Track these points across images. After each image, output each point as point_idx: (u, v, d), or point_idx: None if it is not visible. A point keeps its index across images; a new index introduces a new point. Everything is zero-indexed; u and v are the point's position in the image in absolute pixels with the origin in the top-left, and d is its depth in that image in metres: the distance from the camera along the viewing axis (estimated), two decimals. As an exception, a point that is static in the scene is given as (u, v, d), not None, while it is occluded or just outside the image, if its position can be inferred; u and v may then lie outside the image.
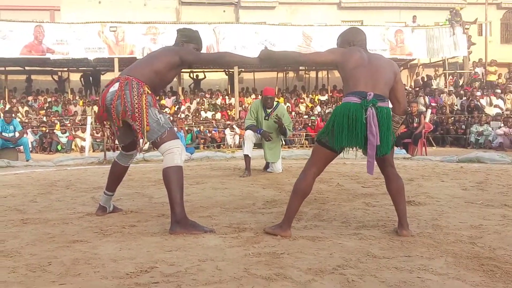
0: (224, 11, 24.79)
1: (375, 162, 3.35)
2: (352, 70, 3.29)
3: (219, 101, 19.84)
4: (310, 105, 19.61)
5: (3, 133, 10.84)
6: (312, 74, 24.43)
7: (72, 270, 2.61)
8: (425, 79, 21.10)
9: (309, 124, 16.78)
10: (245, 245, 3.10)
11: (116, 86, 3.69)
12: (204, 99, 19.60)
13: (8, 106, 17.75)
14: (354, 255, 2.88)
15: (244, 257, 2.84)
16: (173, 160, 3.56)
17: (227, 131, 15.96)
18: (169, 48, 3.99)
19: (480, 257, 2.80)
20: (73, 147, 15.28)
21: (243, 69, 22.16)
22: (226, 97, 20.36)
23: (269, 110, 7.33)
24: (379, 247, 3.05)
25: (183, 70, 21.68)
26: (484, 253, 2.89)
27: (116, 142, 4.10)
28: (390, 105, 3.45)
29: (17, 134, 11.08)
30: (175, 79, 22.08)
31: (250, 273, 2.54)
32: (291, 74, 24.75)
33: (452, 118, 16.18)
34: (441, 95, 18.35)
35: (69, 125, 16.14)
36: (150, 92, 3.69)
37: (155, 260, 2.78)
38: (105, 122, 3.97)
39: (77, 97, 19.72)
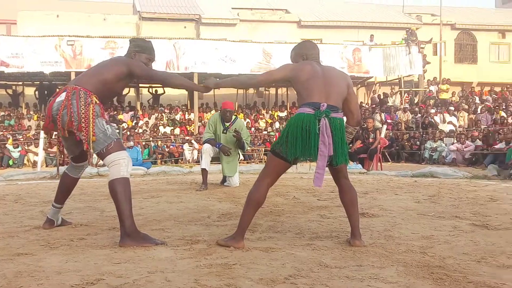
0: (185, 27, 24.74)
1: (329, 174, 3.36)
2: (305, 82, 3.31)
3: (178, 117, 19.70)
4: (269, 121, 19.70)
5: (-49, 147, 10.45)
6: (272, 90, 24.59)
7: (14, 283, 2.49)
8: (382, 97, 21.55)
9: (268, 140, 16.82)
10: (197, 256, 3.05)
11: (63, 96, 3.60)
12: (163, 114, 19.42)
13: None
14: (306, 265, 2.86)
15: (195, 268, 2.78)
16: (119, 172, 3.48)
17: (186, 146, 15.84)
18: (119, 58, 3.93)
19: (430, 266, 2.82)
20: (25, 162, 14.85)
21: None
22: (186, 112, 20.24)
23: (227, 124, 7.30)
24: (331, 257, 3.04)
25: (141, 85, 21.56)
26: (434, 262, 2.92)
27: (66, 153, 3.99)
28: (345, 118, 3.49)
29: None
30: (133, 94, 21.92)
31: (200, 284, 2.48)
32: (251, 90, 24.83)
33: (407, 134, 16.52)
34: (397, 112, 18.75)
35: (22, 139, 15.70)
36: (98, 102, 3.61)
37: (102, 272, 2.69)
38: (51, 133, 3.86)
39: (31, 112, 19.24)
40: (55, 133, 3.82)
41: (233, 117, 7.47)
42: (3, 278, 2.58)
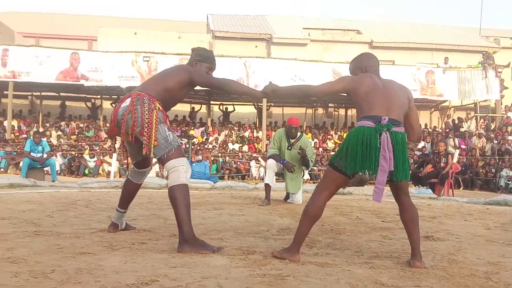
0: (256, 46, 25.10)
1: (390, 191, 3.28)
2: (365, 95, 3.25)
3: (247, 134, 19.93)
4: (338, 141, 19.52)
5: (32, 153, 11.07)
6: (342, 111, 24.42)
7: (73, 278, 2.60)
8: (456, 122, 20.85)
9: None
10: (251, 266, 3.05)
11: (127, 101, 3.73)
12: (233, 131, 19.72)
13: (41, 129, 18.17)
14: (361, 282, 2.79)
15: (248, 277, 2.79)
16: (179, 179, 3.55)
17: (253, 163, 15.97)
18: (182, 66, 4.05)
19: (494, 291, 2.68)
20: (100, 171, 15.50)
21: (272, 104, 22.30)
22: (254, 130, 20.46)
23: (292, 141, 7.30)
24: (389, 276, 2.95)
25: (212, 102, 22.03)
26: (498, 288, 2.77)
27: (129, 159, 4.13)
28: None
29: (45, 155, 11.29)
30: (204, 111, 22.40)
31: (252, 291, 2.48)
32: (320, 110, 24.77)
33: (482, 161, 15.86)
34: (472, 137, 18.07)
35: (98, 150, 16.40)
36: (161, 109, 3.72)
37: (158, 274, 2.75)
38: (115, 138, 4.00)
39: (107, 124, 20.07)
40: (118, 138, 3.95)
41: (298, 133, 7.47)
42: (64, 273, 2.69)
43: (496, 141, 17.14)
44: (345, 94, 3.46)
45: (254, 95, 4.07)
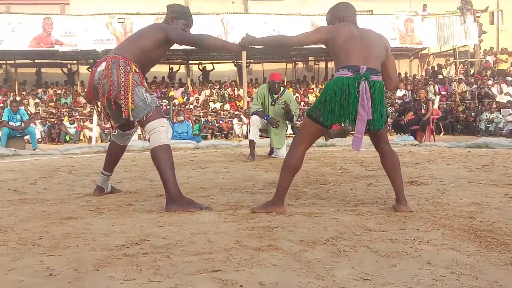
0: (233, 2, 24.62)
1: (369, 139, 3.29)
2: (342, 44, 3.21)
3: (227, 92, 19.81)
4: (319, 95, 19.48)
5: (10, 122, 10.90)
6: (322, 64, 24.32)
7: (62, 243, 2.59)
8: (436, 68, 20.91)
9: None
10: (240, 220, 3.07)
11: (103, 65, 3.65)
12: (213, 90, 19.58)
13: (18, 98, 17.85)
14: (349, 228, 2.83)
15: (237, 230, 2.80)
16: (160, 139, 3.52)
17: (235, 121, 15.94)
18: (156, 25, 3.96)
19: (478, 230, 2.74)
20: (81, 137, 15.36)
21: (251, 60, 22.10)
22: (235, 88, 20.32)
23: (276, 96, 7.26)
24: (375, 222, 3.00)
25: (191, 61, 21.76)
26: (482, 226, 2.83)
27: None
28: None
29: (23, 124, 11.12)
30: (183, 71, 22.15)
31: (241, 244, 2.50)
32: (300, 64, 24.65)
33: (462, 106, 16.01)
34: (451, 83, 18.17)
35: (77, 116, 16.20)
36: (137, 71, 3.65)
37: (147, 234, 2.75)
38: (93, 102, 3.93)
39: (85, 89, 19.78)
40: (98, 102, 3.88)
41: (281, 89, 7.43)
42: (53, 238, 2.68)
43: (475, 86, 17.25)
44: (323, 45, 3.42)
45: (231, 49, 4.00)
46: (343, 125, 3.30)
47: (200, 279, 2.03)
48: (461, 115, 15.35)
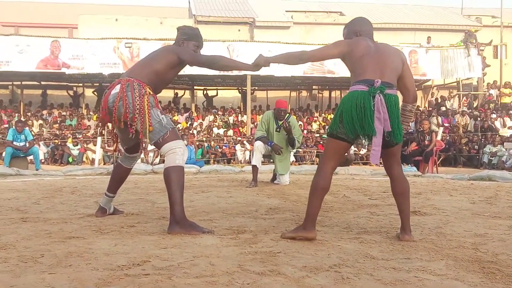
0: (239, 30, 24.96)
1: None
2: (359, 59, 3.23)
3: (231, 118, 19.88)
4: (323, 123, 19.56)
5: (14, 142, 10.93)
6: (326, 93, 24.44)
7: (64, 262, 2.58)
8: (439, 100, 21.00)
9: (321, 142, 16.71)
10: (242, 245, 3.05)
11: (117, 88, 3.68)
12: (217, 116, 19.66)
13: (23, 119, 17.93)
14: (352, 256, 2.81)
15: (240, 255, 2.79)
16: (175, 161, 3.54)
17: (238, 146, 15.96)
18: (168, 47, 3.99)
19: (482, 261, 2.72)
20: (84, 159, 15.37)
21: (256, 88, 22.23)
22: (239, 114, 20.41)
23: (280, 122, 7.30)
24: (379, 250, 2.98)
25: (196, 87, 21.90)
26: (486, 258, 2.81)
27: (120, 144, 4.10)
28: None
29: (27, 144, 11.15)
30: (188, 96, 22.27)
31: (244, 269, 2.49)
32: (304, 93, 24.78)
33: (466, 138, 16.02)
34: (455, 115, 18.22)
35: (81, 138, 16.25)
36: (152, 93, 3.68)
37: (149, 255, 2.74)
38: (107, 125, 3.96)
39: (91, 112, 19.90)
40: (109, 124, 3.91)
41: (287, 115, 7.46)
42: (54, 257, 2.67)
43: (479, 119, 17.29)
44: (340, 59, 3.41)
45: (245, 68, 4.01)
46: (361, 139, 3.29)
47: (202, 301, 2.01)
48: (464, 147, 15.34)
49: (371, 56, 3.23)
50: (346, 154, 3.45)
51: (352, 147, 3.31)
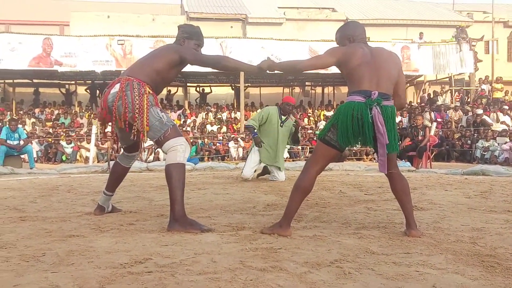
0: (231, 26, 24.91)
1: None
2: (355, 68, 3.22)
3: (224, 115, 19.88)
4: (315, 120, 19.60)
5: (8, 141, 10.87)
6: (318, 90, 24.48)
7: (65, 260, 2.58)
8: (431, 96, 21.09)
9: (314, 138, 16.75)
10: (243, 241, 3.07)
11: (117, 87, 3.67)
12: (210, 113, 19.64)
13: (15, 117, 17.84)
14: (352, 251, 2.83)
15: (241, 251, 2.80)
16: (176, 158, 3.53)
17: (231, 143, 15.96)
18: (169, 46, 3.96)
19: (481, 255, 2.75)
20: (78, 157, 15.32)
21: (249, 84, 22.23)
22: (232, 111, 20.41)
23: (284, 118, 7.36)
24: (378, 245, 3.00)
25: (189, 84, 21.86)
26: (485, 252, 2.84)
27: (119, 143, 4.09)
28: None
29: (21, 142, 11.10)
30: (181, 93, 22.24)
31: (246, 265, 2.50)
32: (297, 89, 24.80)
33: (458, 133, 16.10)
34: (447, 111, 18.31)
35: (75, 136, 16.19)
36: (151, 92, 3.67)
37: (151, 253, 2.75)
38: (107, 124, 3.95)
39: (83, 110, 19.82)
40: (109, 123, 3.90)
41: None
42: (56, 256, 2.67)
43: (471, 114, 17.39)
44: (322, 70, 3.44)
45: (248, 70, 4.01)
46: (353, 146, 3.32)
47: (207, 298, 2.02)
48: (457, 142, 15.43)
49: (368, 65, 3.22)
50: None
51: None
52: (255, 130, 7.31)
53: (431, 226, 3.67)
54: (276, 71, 3.75)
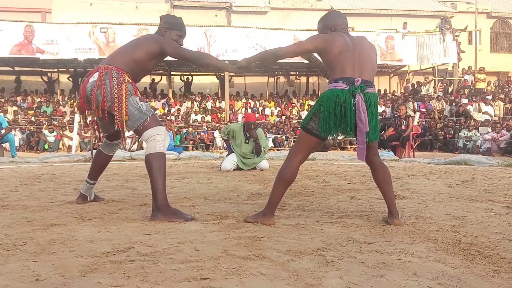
0: (216, 15, 24.74)
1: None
2: (337, 55, 3.21)
3: (209, 105, 19.79)
4: (300, 109, 19.60)
5: (-11, 129, 10.73)
6: (303, 79, 24.48)
7: (47, 249, 2.56)
8: (415, 86, 21.20)
9: (298, 128, 16.76)
10: (226, 230, 3.07)
11: (95, 76, 3.63)
12: (195, 102, 19.54)
13: (-4, 105, 17.60)
14: (335, 239, 2.85)
15: (224, 240, 2.80)
16: (155, 147, 3.51)
17: (216, 133, 15.92)
18: (150, 36, 3.93)
19: (462, 243, 2.78)
20: (60, 146, 15.17)
21: (234, 73, 22.14)
22: (217, 100, 20.32)
23: (248, 135, 7.46)
24: (361, 233, 3.02)
25: (173, 73, 21.72)
26: (466, 240, 2.87)
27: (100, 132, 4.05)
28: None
29: (3, 131, 10.95)
30: (165, 82, 22.09)
31: (229, 253, 2.50)
32: (282, 79, 24.77)
33: (441, 123, 16.23)
34: (430, 101, 18.43)
35: (57, 125, 16.02)
36: (130, 81, 3.64)
37: (133, 241, 2.73)
38: (86, 113, 3.90)
39: (66, 98, 19.60)
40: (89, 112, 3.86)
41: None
42: (37, 244, 2.65)
43: (454, 104, 17.52)
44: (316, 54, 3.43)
45: (228, 70, 4.00)
46: (334, 136, 3.31)
47: (189, 286, 2.02)
48: (439, 132, 15.55)
49: (350, 53, 3.22)
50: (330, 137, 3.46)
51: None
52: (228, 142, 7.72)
53: (413, 215, 3.70)
54: (258, 62, 3.72)
